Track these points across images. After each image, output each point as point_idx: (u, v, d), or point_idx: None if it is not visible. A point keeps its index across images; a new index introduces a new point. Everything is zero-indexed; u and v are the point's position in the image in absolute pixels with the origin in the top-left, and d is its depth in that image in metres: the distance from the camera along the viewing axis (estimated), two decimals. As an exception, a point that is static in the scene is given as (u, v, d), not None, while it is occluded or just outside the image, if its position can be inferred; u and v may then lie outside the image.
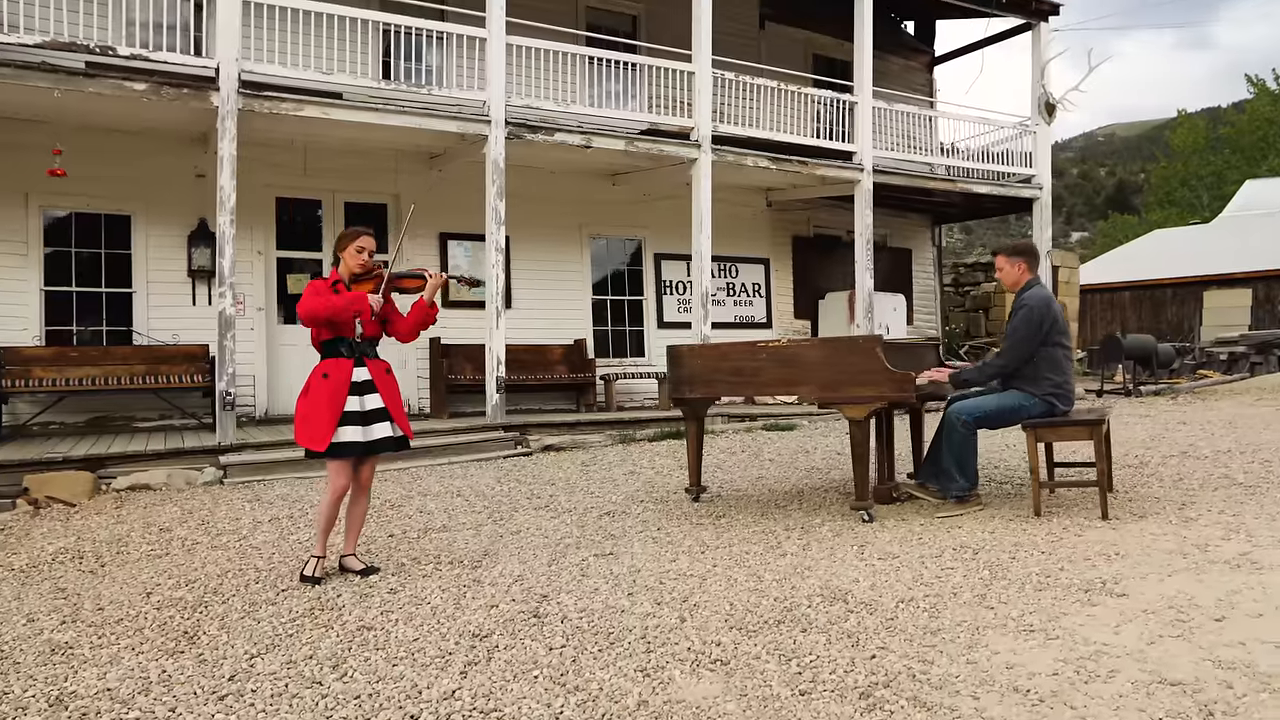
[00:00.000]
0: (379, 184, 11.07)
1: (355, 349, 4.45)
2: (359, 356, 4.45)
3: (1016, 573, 4.03)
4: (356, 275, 4.50)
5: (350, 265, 4.48)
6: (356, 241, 4.49)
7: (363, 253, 4.49)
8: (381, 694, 3.13)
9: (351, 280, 4.49)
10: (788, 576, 4.21)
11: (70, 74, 7.85)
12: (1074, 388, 5.32)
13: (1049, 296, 5.32)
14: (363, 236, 4.52)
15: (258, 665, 3.47)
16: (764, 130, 11.33)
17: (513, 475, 7.71)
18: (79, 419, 9.41)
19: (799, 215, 13.73)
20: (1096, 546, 4.40)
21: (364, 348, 4.48)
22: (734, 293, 13.20)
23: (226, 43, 8.35)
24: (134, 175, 9.66)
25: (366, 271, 4.52)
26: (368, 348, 4.50)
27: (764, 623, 3.58)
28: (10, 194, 9.19)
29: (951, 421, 5.33)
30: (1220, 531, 4.57)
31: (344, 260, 4.50)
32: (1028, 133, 13.31)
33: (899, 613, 3.60)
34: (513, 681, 3.17)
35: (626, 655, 3.33)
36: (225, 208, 8.38)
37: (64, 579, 4.90)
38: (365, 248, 4.50)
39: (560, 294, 12.06)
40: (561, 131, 10.06)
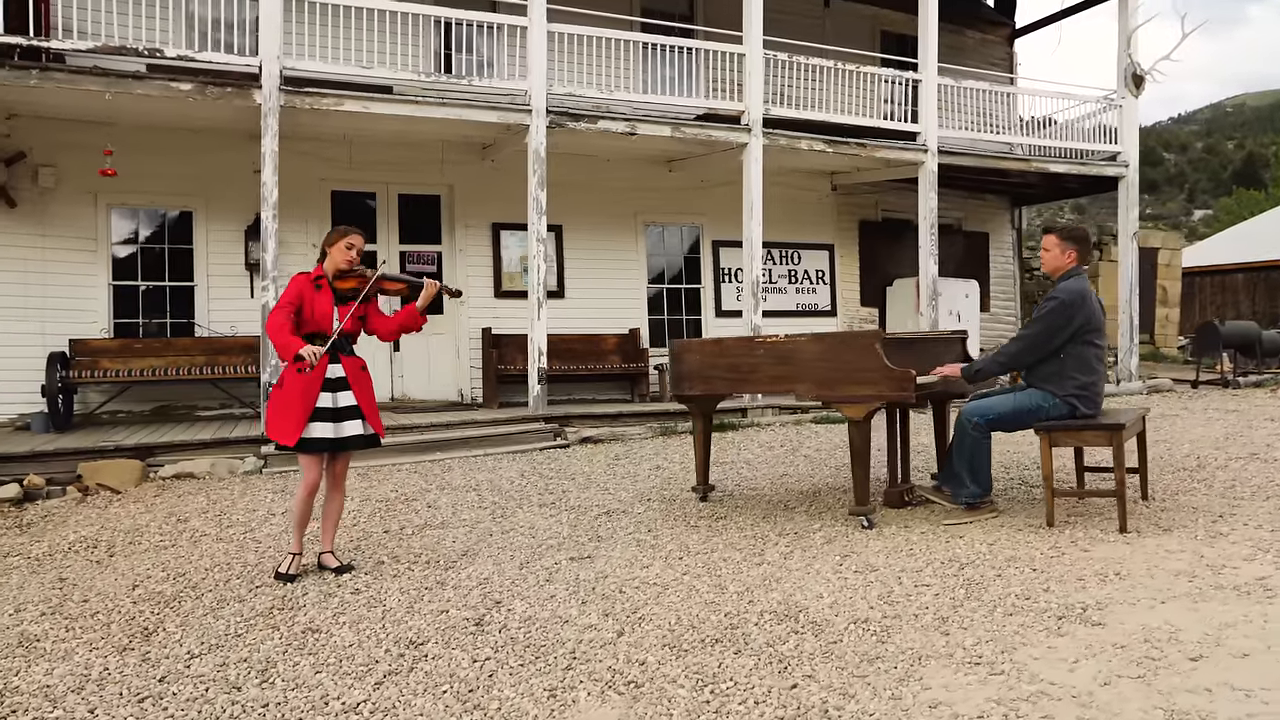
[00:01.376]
0: (432, 175, 11.16)
1: (331, 346, 4.43)
2: (334, 353, 4.44)
3: (994, 593, 3.72)
4: (342, 272, 4.49)
5: (337, 261, 4.48)
6: (346, 239, 4.49)
7: (352, 249, 4.49)
8: (289, 703, 3.09)
9: (335, 276, 4.48)
10: (751, 589, 4.00)
11: (120, 77, 8.14)
12: (1103, 390, 4.89)
13: (1086, 290, 4.89)
14: (352, 235, 4.53)
15: (193, 667, 3.49)
16: (819, 112, 10.92)
17: (540, 468, 7.66)
18: (144, 408, 9.83)
19: (866, 199, 13.23)
20: (1098, 565, 4.02)
21: (340, 344, 4.46)
22: (796, 280, 12.83)
23: (268, 40, 8.51)
24: (195, 172, 9.98)
25: (351, 269, 4.51)
26: (344, 344, 4.49)
27: (701, 641, 3.40)
28: (81, 193, 9.63)
29: (963, 423, 4.97)
30: (1246, 550, 4.13)
31: (331, 256, 4.51)
32: (1113, 107, 12.44)
33: (846, 635, 3.35)
34: (419, 696, 3.08)
35: (544, 672, 3.20)
36: (268, 203, 8.57)
37: (70, 569, 5.08)
38: (354, 245, 4.50)
39: (615, 283, 11.95)
40: (605, 119, 9.92)
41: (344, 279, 4.49)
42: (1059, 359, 4.81)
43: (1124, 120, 12.40)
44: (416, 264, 11.29)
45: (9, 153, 9.28)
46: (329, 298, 4.44)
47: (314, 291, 4.43)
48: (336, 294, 4.46)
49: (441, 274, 11.34)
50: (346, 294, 4.48)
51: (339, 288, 4.48)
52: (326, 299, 4.43)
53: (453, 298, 4.96)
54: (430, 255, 11.35)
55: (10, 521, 6.46)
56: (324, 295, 4.43)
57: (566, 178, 11.48)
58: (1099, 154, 12.56)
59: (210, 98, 8.41)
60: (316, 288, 4.44)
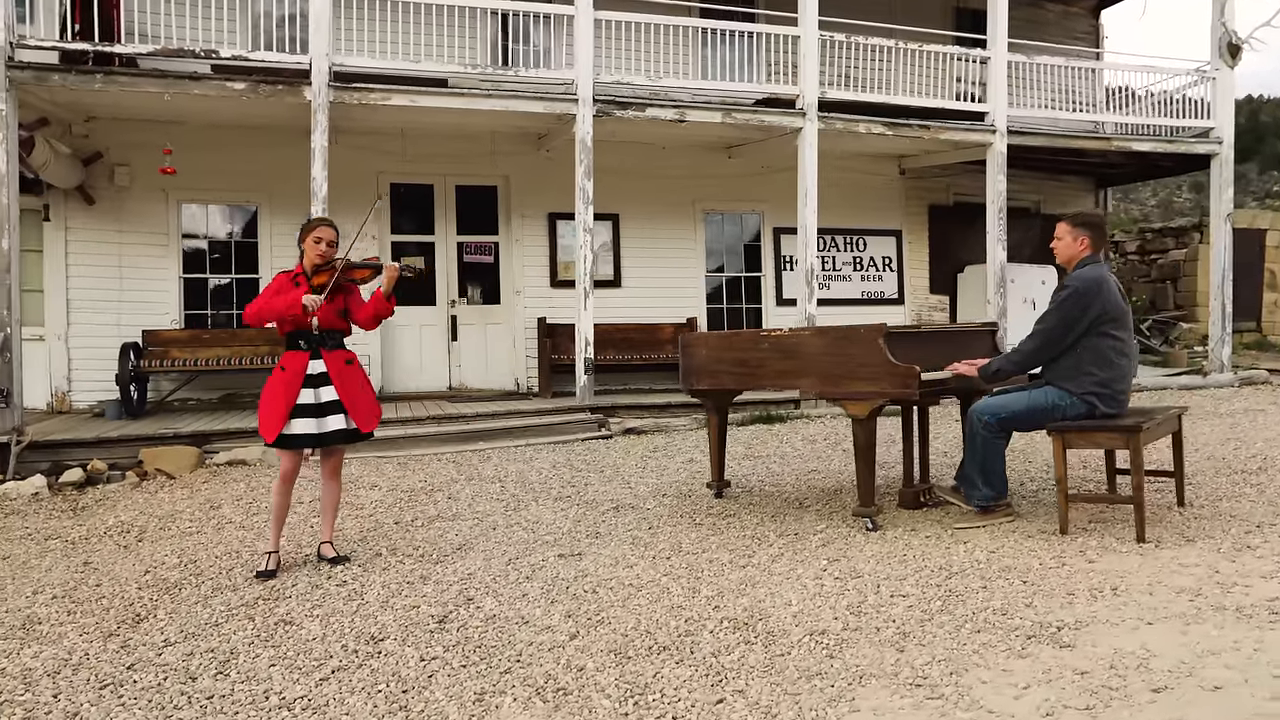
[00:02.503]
0: (488, 166, 11.26)
1: (312, 342, 4.49)
2: (315, 349, 4.50)
3: (971, 606, 3.50)
4: (317, 266, 4.54)
5: (310, 256, 4.53)
6: (314, 233, 4.53)
7: (320, 243, 4.52)
8: (233, 696, 3.15)
9: (313, 271, 4.53)
10: (724, 593, 3.88)
11: (177, 78, 8.46)
12: (1127, 387, 4.55)
13: (1101, 279, 4.57)
14: (320, 228, 4.56)
15: (163, 655, 3.59)
16: (880, 94, 10.55)
17: (574, 460, 7.65)
18: (213, 396, 10.26)
19: (937, 182, 12.73)
20: (1097, 578, 3.75)
21: (322, 340, 4.51)
22: (861, 267, 12.46)
23: (318, 38, 8.70)
24: (259, 168, 10.30)
25: (326, 262, 4.55)
26: (326, 340, 4.53)
27: (649, 648, 3.31)
28: (153, 191, 10.07)
29: (973, 423, 4.71)
30: (1270, 566, 3.78)
31: (304, 252, 4.55)
32: (1205, 79, 11.61)
33: (797, 648, 3.21)
34: (354, 694, 3.10)
35: (482, 675, 3.18)
36: (317, 197, 8.79)
37: (98, 553, 5.32)
38: (323, 238, 4.53)
39: (672, 271, 11.84)
40: (654, 106, 9.80)
41: (319, 273, 4.53)
42: (1075, 354, 4.51)
43: (1218, 93, 11.56)
44: (474, 254, 11.43)
45: (87, 153, 9.77)
46: (302, 294, 4.47)
47: (291, 288, 4.49)
48: (314, 289, 4.50)
49: (499, 264, 11.47)
50: (322, 288, 4.50)
51: (315, 283, 4.52)
52: (298, 295, 4.46)
53: (415, 278, 4.92)
54: (487, 245, 11.46)
55: (68, 504, 6.82)
56: (301, 291, 4.48)
57: (623, 166, 11.43)
58: (1189, 130, 11.76)
59: (263, 96, 8.66)
60: (295, 284, 4.50)
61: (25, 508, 6.75)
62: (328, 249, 4.54)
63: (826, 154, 11.84)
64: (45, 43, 8.25)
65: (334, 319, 4.56)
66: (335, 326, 4.58)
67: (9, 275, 7.95)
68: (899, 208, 12.63)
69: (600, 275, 11.60)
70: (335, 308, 4.55)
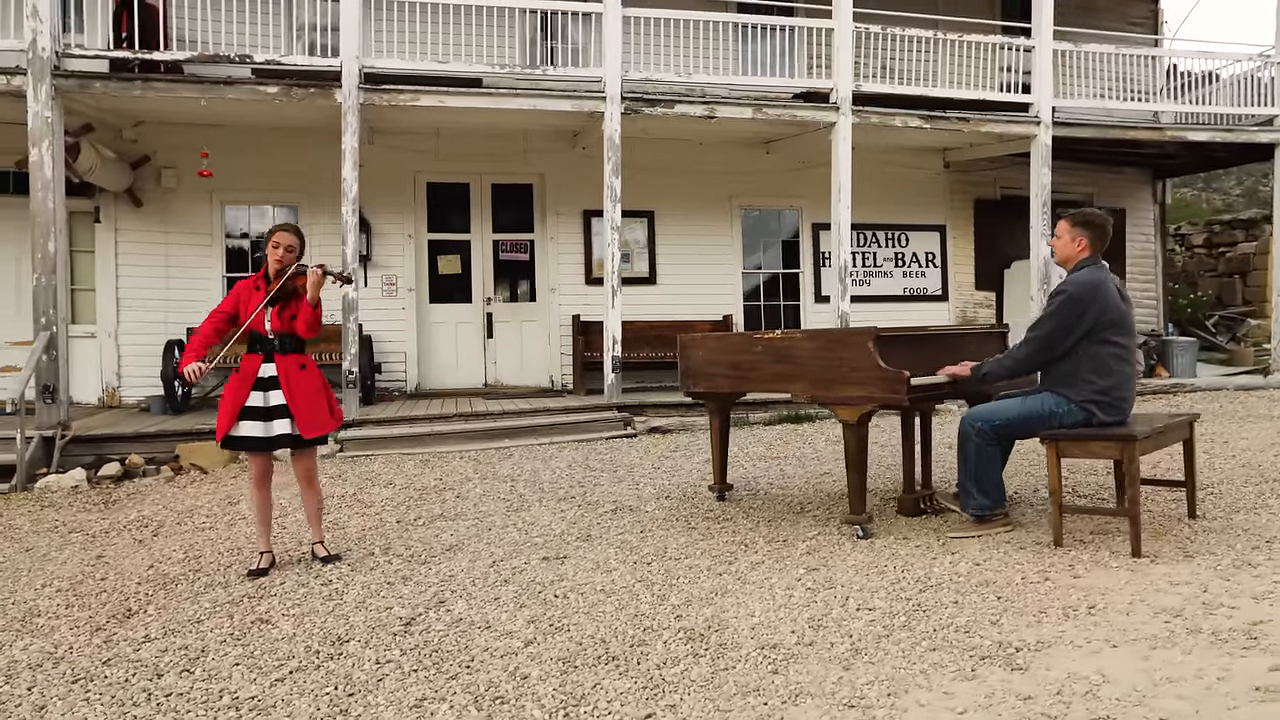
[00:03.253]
0: (523, 164, 11.32)
1: (266, 345, 4.55)
2: (269, 353, 4.55)
3: (935, 622, 3.40)
4: (278, 271, 4.60)
5: (270, 261, 4.59)
6: (273, 238, 4.59)
7: (278, 248, 4.58)
8: (190, 694, 3.23)
9: (274, 276, 4.60)
10: (691, 601, 3.83)
11: (213, 83, 8.70)
12: (1128, 394, 4.36)
13: (1101, 282, 4.38)
14: (278, 233, 4.62)
15: (140, 651, 3.70)
16: (919, 86, 10.29)
17: (592, 459, 7.65)
18: (254, 391, 10.53)
19: (983, 176, 12.38)
20: (1076, 595, 3.60)
21: (275, 345, 4.56)
22: (903, 263, 12.20)
23: (348, 40, 8.85)
24: (299, 169, 10.52)
25: (284, 268, 4.61)
26: (279, 345, 4.57)
27: (598, 658, 3.29)
28: (198, 192, 10.38)
29: (965, 429, 4.57)
30: (1265, 587, 3.58)
31: (267, 257, 4.61)
32: (1270, 64, 11.05)
33: (744, 662, 3.16)
34: (303, 696, 3.14)
35: (429, 680, 3.20)
36: (348, 198, 8.94)
37: (113, 547, 5.51)
38: (280, 243, 4.58)
39: (708, 268, 11.76)
40: (683, 103, 9.73)
41: (278, 278, 4.59)
42: (1073, 359, 4.34)
43: (1283, 79, 11.00)
44: (510, 252, 11.51)
45: (135, 157, 10.11)
46: (261, 299, 4.53)
47: (250, 293, 4.56)
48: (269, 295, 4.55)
49: (534, 262, 11.53)
50: (278, 294, 4.56)
51: (273, 287, 4.57)
52: (259, 300, 4.52)
53: (341, 283, 4.91)
54: (523, 244, 11.54)
55: (101, 498, 7.08)
56: (258, 297, 4.53)
57: (659, 162, 11.41)
58: (1251, 119, 11.20)
59: (295, 99, 8.84)
60: (255, 289, 4.57)
61: (62, 500, 7.03)
62: (285, 254, 4.59)
63: (867, 148, 11.64)
64: (89, 51, 8.55)
65: (286, 324, 4.59)
66: (289, 331, 4.61)
67: (55, 276, 8.27)
68: (943, 202, 12.32)
69: (635, 272, 11.63)
70: (289, 313, 4.59)
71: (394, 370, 10.92)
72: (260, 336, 4.55)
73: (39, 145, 8.14)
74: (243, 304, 4.55)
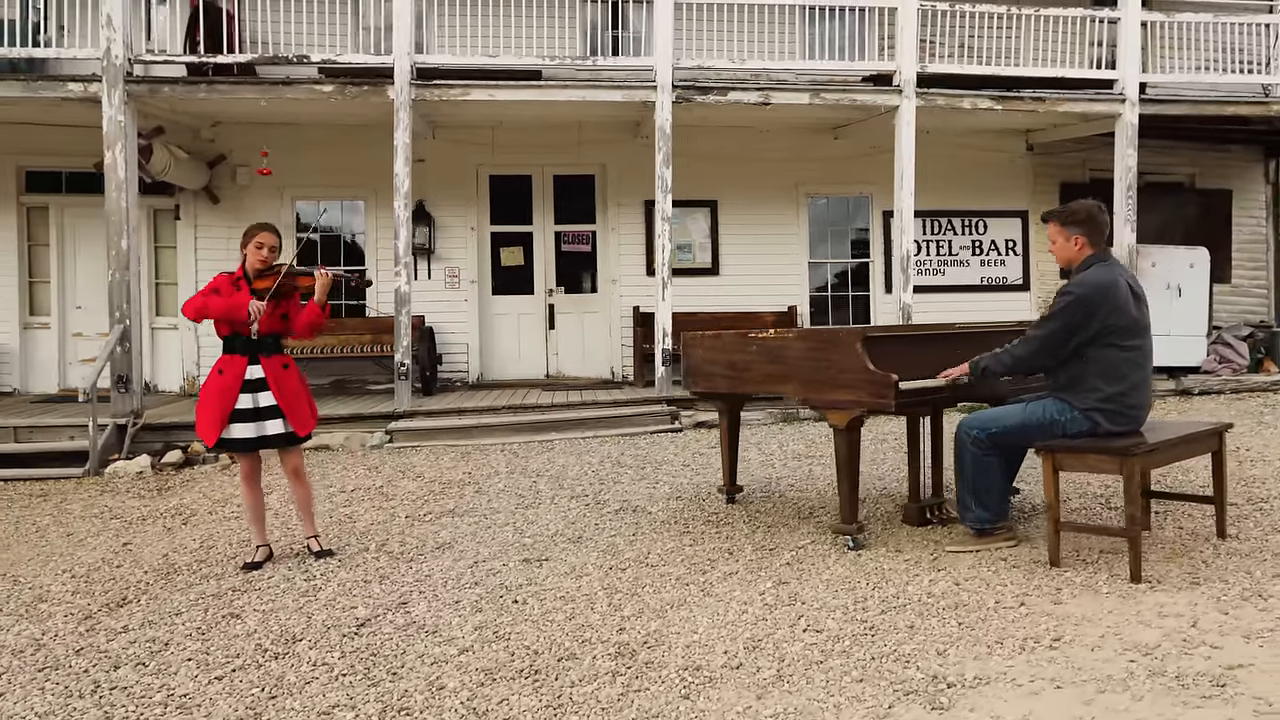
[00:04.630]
0: (584, 155, 11.29)
1: (250, 346, 4.61)
2: (254, 354, 4.61)
3: (878, 649, 3.18)
4: (260, 271, 4.66)
5: (252, 261, 4.64)
6: (255, 238, 4.64)
7: (262, 249, 4.64)
8: (129, 689, 3.33)
9: (255, 276, 4.66)
10: (644, 613, 3.72)
11: (272, 84, 8.98)
12: (1140, 402, 3.99)
13: (1113, 282, 4.02)
14: (262, 233, 4.66)
15: (112, 642, 3.84)
16: (991, 65, 9.74)
17: (628, 455, 7.58)
18: (324, 382, 10.89)
19: (1070, 158, 11.64)
20: (1050, 624, 3.32)
21: (260, 345, 4.62)
22: (981, 251, 11.61)
23: (400, 37, 8.98)
24: (364, 164, 10.74)
25: (267, 268, 4.66)
26: (264, 345, 4.62)
27: (521, 670, 3.22)
28: (270, 189, 10.74)
29: (960, 437, 4.28)
30: (1269, 624, 3.21)
31: (247, 257, 4.67)
32: (1397, 28, 9.98)
33: (661, 684, 3.03)
34: (230, 696, 3.20)
35: (349, 686, 3.20)
36: (399, 193, 9.10)
37: (142, 535, 5.77)
38: (265, 244, 4.64)
39: (772, 258, 11.47)
40: (736, 90, 9.48)
41: (261, 278, 4.63)
42: (1080, 363, 4.00)
43: None
44: (572, 244, 11.51)
45: (212, 156, 10.57)
46: (246, 298, 4.59)
47: (232, 290, 4.60)
48: (255, 294, 4.60)
49: (595, 253, 11.51)
50: (263, 293, 4.60)
51: (257, 288, 4.61)
52: (244, 299, 4.58)
53: (356, 287, 4.93)
54: (585, 235, 11.52)
55: (157, 484, 7.44)
56: (242, 295, 4.59)
57: (721, 151, 11.20)
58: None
59: (349, 97, 9.05)
60: (236, 287, 4.62)
61: (122, 485, 7.42)
62: (269, 254, 4.65)
63: (943, 131, 11.15)
64: (158, 56, 8.96)
65: (274, 324, 4.64)
66: (274, 331, 4.66)
67: (128, 272, 8.72)
68: (1025, 186, 11.65)
69: (698, 263, 11.47)
70: (277, 313, 4.64)
71: (456, 361, 11.10)
72: (244, 337, 4.62)
73: (113, 148, 8.59)
74: (226, 297, 4.61)
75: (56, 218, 10.63)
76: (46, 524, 6.21)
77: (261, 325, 4.59)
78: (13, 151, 10.44)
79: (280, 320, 4.66)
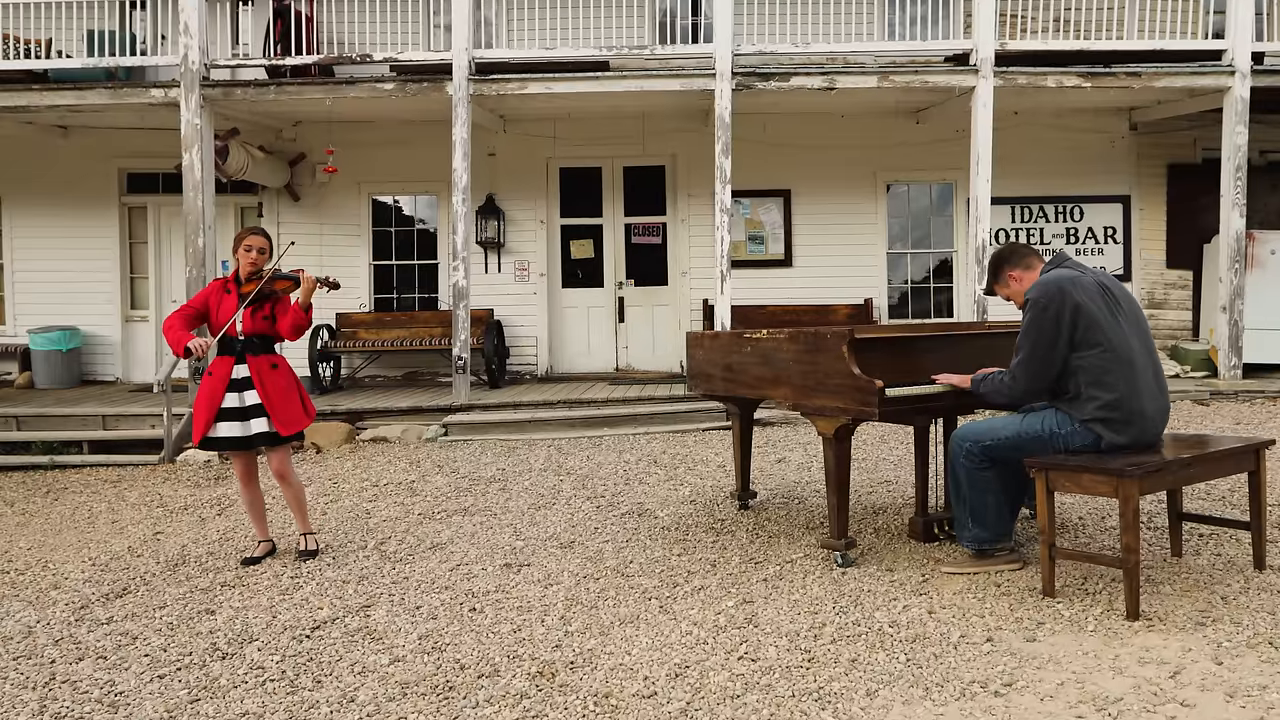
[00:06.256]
0: (655, 146, 11.13)
1: (238, 347, 4.67)
2: (241, 354, 4.67)
3: (801, 686, 2.93)
4: (250, 274, 4.71)
5: (242, 265, 4.70)
6: (245, 242, 4.70)
7: (250, 252, 4.69)
8: (75, 684, 3.42)
9: (245, 279, 4.71)
10: (590, 628, 3.57)
11: (336, 83, 9.20)
12: (1143, 408, 3.54)
13: (1067, 279, 3.64)
14: (250, 237, 4.71)
15: (91, 633, 3.98)
16: (1077, 40, 9.04)
17: (666, 454, 7.41)
18: (397, 373, 11.16)
19: (1179, 137, 10.68)
20: (1009, 665, 2.98)
21: (247, 346, 4.67)
22: (1076, 239, 10.81)
23: (459, 33, 9.04)
24: (437, 159, 10.87)
25: (256, 270, 4.71)
26: (251, 346, 4.68)
27: (436, 687, 3.14)
28: (348, 185, 11.08)
29: (953, 450, 3.93)
30: (1261, 678, 2.78)
31: (238, 260, 4.73)
32: None
33: (560, 711, 2.88)
34: (158, 697, 3.23)
35: (270, 694, 3.18)
36: (458, 188, 9.17)
37: (176, 524, 5.99)
38: (252, 247, 4.68)
39: (848, 249, 11.03)
40: (799, 75, 9.11)
41: (250, 281, 4.68)
42: (1071, 373, 3.61)
43: None
44: (642, 236, 11.38)
45: (293, 155, 10.94)
46: (233, 301, 4.64)
47: (221, 296, 4.68)
48: (242, 297, 4.65)
49: (666, 245, 11.33)
50: (251, 296, 4.65)
51: (245, 291, 4.67)
52: (230, 302, 4.64)
53: (330, 289, 4.88)
54: (655, 227, 11.37)
55: (215, 473, 7.74)
56: (229, 299, 4.65)
57: (795, 138, 10.86)
58: None
59: (410, 94, 9.17)
60: (226, 292, 4.69)
61: (186, 474, 7.76)
62: (258, 257, 4.70)
63: (1034, 112, 10.49)
64: (231, 61, 9.31)
65: (260, 325, 4.69)
66: (261, 332, 4.70)
67: (204, 269, 9.12)
68: (1128, 169, 10.78)
69: (770, 254, 11.16)
70: (263, 314, 4.68)
71: (525, 354, 11.15)
72: (230, 338, 4.69)
73: (190, 150, 8.99)
74: (213, 305, 4.71)
75: (154, 216, 11.24)
76: (101, 510, 6.54)
77: (247, 327, 4.67)
78: (116, 155, 11.10)
79: (265, 321, 4.71)
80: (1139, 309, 3.77)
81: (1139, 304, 3.80)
